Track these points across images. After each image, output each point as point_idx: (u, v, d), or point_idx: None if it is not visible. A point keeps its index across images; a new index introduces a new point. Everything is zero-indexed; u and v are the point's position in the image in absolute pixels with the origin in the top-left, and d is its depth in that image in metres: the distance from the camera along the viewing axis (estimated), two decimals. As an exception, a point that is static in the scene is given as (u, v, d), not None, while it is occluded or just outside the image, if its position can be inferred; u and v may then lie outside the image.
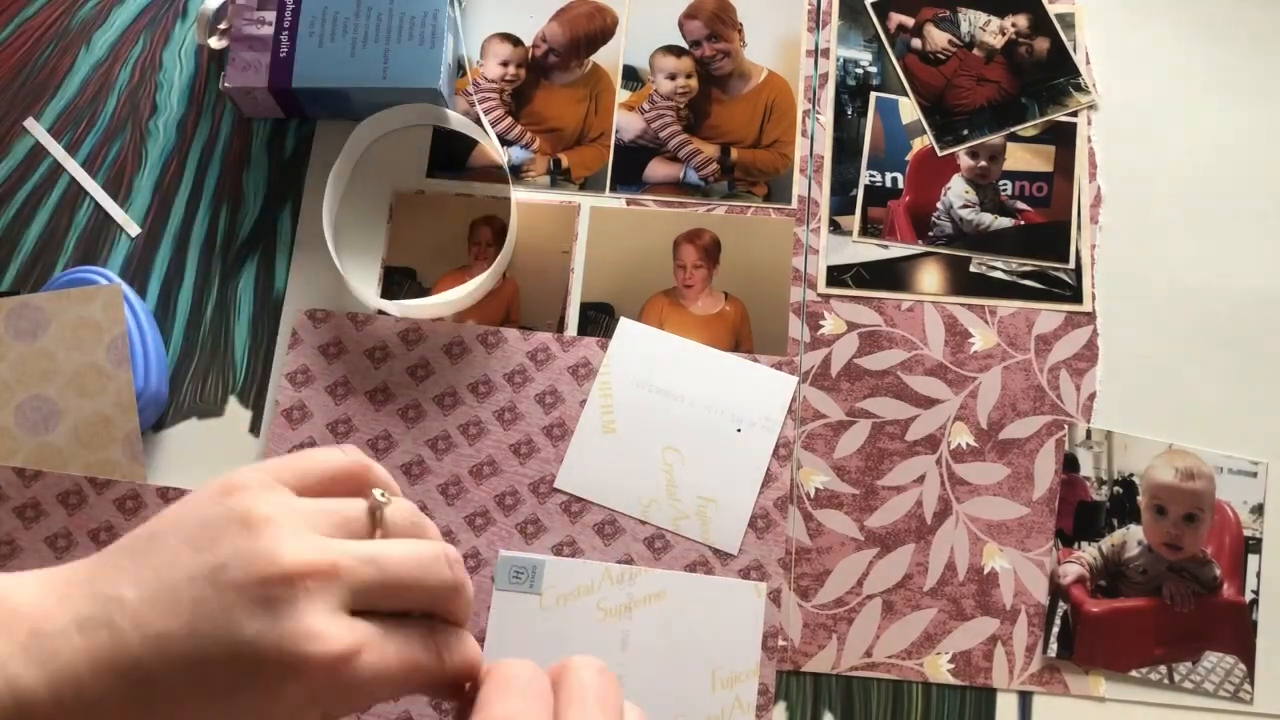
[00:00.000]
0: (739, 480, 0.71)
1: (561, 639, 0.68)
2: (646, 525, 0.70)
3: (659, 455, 0.71)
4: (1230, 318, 0.74)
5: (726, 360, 0.73)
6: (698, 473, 0.71)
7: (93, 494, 0.69)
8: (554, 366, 0.73)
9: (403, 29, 0.75)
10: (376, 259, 0.76)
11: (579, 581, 0.69)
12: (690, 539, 0.70)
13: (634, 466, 0.71)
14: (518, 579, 0.69)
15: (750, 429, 0.72)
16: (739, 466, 0.71)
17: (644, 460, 0.71)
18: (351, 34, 0.75)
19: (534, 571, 0.69)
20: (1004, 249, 0.75)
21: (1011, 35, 0.79)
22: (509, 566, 0.69)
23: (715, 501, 0.70)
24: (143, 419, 0.71)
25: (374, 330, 0.74)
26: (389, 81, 0.74)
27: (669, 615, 0.68)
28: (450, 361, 0.73)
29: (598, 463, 0.71)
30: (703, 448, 0.72)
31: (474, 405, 0.73)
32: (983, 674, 0.68)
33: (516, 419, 0.72)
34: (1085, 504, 0.70)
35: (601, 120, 0.79)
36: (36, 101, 0.80)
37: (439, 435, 0.72)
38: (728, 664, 0.68)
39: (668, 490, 0.71)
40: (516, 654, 0.64)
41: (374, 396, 0.73)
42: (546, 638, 0.68)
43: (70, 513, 0.69)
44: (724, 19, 0.80)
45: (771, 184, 0.77)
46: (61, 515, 0.69)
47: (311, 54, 0.75)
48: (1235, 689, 0.68)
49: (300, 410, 0.73)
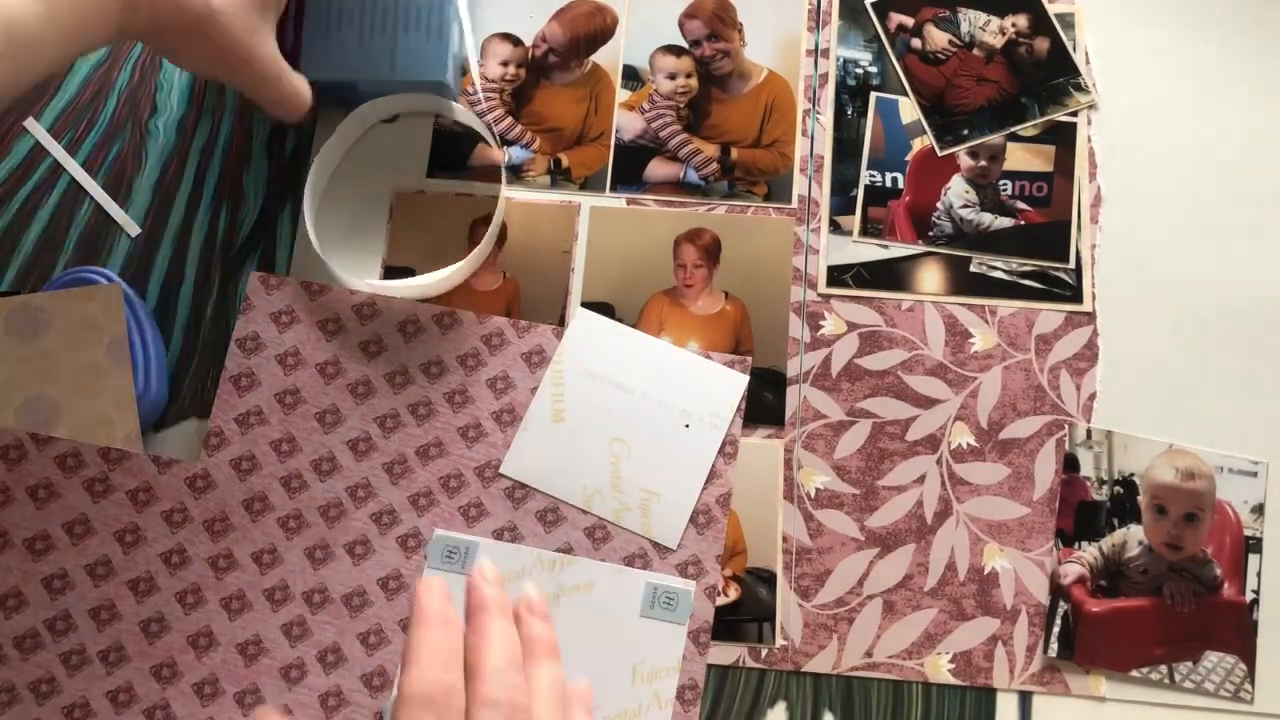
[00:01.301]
0: (683, 476, 0.71)
1: None
2: (588, 515, 0.70)
3: (606, 446, 0.71)
4: (1231, 317, 0.74)
5: (680, 356, 0.73)
6: (643, 466, 0.71)
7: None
8: (508, 352, 0.73)
9: (410, 19, 0.75)
10: (377, 259, 0.76)
11: (511, 566, 0.69)
12: (631, 531, 0.70)
13: (580, 456, 0.71)
14: (450, 559, 0.69)
15: (699, 425, 0.72)
16: (684, 462, 0.71)
17: (591, 450, 0.71)
18: (358, 24, 0.75)
19: (466, 552, 0.69)
20: (1004, 249, 0.75)
21: (1011, 35, 0.79)
22: (442, 546, 0.70)
23: (658, 495, 0.70)
24: (143, 419, 0.71)
25: (328, 302, 0.74)
26: (397, 74, 0.74)
27: (595, 606, 0.68)
28: (404, 339, 0.73)
29: (545, 450, 0.71)
30: (650, 441, 0.71)
31: (425, 386, 0.73)
32: (983, 674, 0.68)
33: (467, 402, 0.72)
34: (1086, 504, 0.70)
35: (602, 120, 0.79)
36: (36, 101, 0.79)
37: (388, 413, 0.72)
38: (649, 659, 0.68)
39: (612, 482, 0.71)
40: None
41: (324, 369, 0.73)
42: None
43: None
44: (724, 18, 0.80)
45: (772, 184, 0.77)
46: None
47: (319, 45, 0.75)
48: (1236, 689, 0.68)
49: (249, 378, 0.72)
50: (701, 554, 0.69)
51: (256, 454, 0.71)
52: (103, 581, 0.69)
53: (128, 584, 0.69)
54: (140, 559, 0.69)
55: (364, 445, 0.71)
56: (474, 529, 0.70)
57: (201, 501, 0.70)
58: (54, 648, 0.68)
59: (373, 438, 0.72)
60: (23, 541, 0.69)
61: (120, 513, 0.70)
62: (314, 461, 0.71)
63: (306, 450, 0.71)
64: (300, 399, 0.72)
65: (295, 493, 0.70)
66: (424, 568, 0.69)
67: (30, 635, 0.68)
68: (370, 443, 0.71)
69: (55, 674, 0.67)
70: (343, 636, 0.68)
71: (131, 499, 0.70)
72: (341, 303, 0.74)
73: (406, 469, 0.71)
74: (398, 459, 0.71)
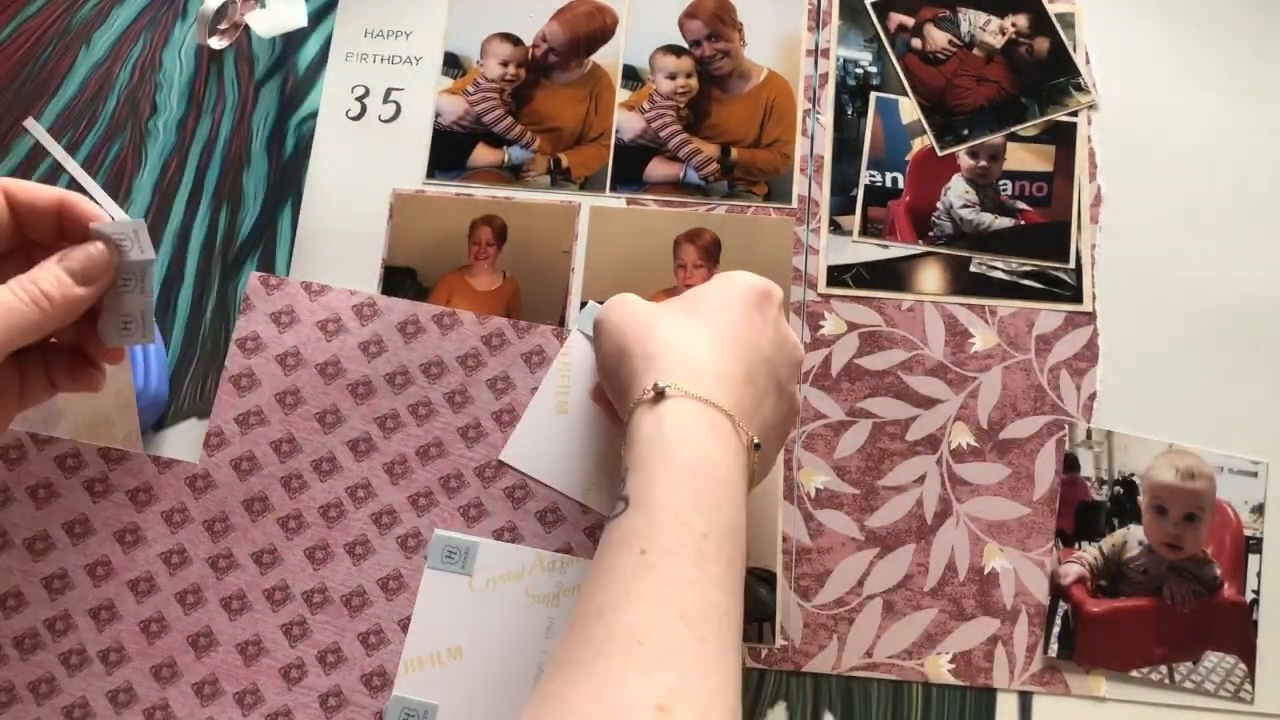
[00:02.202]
0: None
1: (487, 621, 0.68)
2: (588, 514, 0.70)
3: (607, 441, 0.71)
4: (1231, 317, 0.74)
5: None
6: None
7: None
8: (508, 352, 0.73)
9: None
10: (377, 259, 0.76)
11: (510, 566, 0.69)
12: None
13: (581, 448, 0.71)
14: (450, 559, 0.69)
15: None
16: None
17: (591, 443, 0.71)
18: None
19: (467, 553, 0.69)
20: (1004, 249, 0.75)
21: (1011, 35, 0.79)
22: (443, 546, 0.70)
23: None
24: (143, 419, 0.71)
25: (328, 301, 0.74)
26: None
27: None
28: (404, 340, 0.73)
29: (545, 440, 0.71)
30: None
31: (425, 386, 0.72)
32: (983, 674, 0.68)
33: (467, 402, 0.72)
34: (1086, 504, 0.70)
35: (602, 120, 0.79)
36: (36, 101, 0.79)
37: (388, 414, 0.72)
38: None
39: (610, 477, 0.71)
40: (443, 634, 0.68)
41: (324, 369, 0.73)
42: (473, 619, 0.68)
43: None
44: (724, 18, 0.80)
45: (771, 183, 0.77)
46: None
47: None
48: (1236, 689, 0.68)
49: (249, 378, 0.73)
50: None
51: (256, 454, 0.71)
52: (103, 581, 0.69)
53: (128, 584, 0.69)
54: (140, 559, 0.69)
55: (364, 445, 0.71)
56: (474, 529, 0.70)
57: (201, 502, 0.70)
58: (54, 647, 0.68)
59: (373, 438, 0.72)
60: (23, 541, 0.69)
61: (120, 513, 0.70)
62: (314, 462, 0.71)
63: (306, 450, 0.71)
64: (300, 399, 0.72)
65: (295, 493, 0.70)
66: (424, 568, 0.69)
67: (30, 635, 0.68)
68: (370, 443, 0.71)
69: (55, 674, 0.67)
70: (342, 637, 0.68)
71: (131, 499, 0.70)
72: (341, 303, 0.74)
73: (406, 469, 0.71)
74: (398, 459, 0.71)
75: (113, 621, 0.68)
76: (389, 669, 0.68)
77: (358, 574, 0.69)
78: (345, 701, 0.67)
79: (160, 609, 0.68)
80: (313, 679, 0.68)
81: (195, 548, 0.69)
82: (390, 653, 0.68)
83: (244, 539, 0.69)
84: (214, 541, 0.69)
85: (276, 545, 0.69)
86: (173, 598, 0.68)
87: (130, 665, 0.67)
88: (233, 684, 0.67)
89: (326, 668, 0.68)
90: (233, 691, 0.67)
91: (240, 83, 0.80)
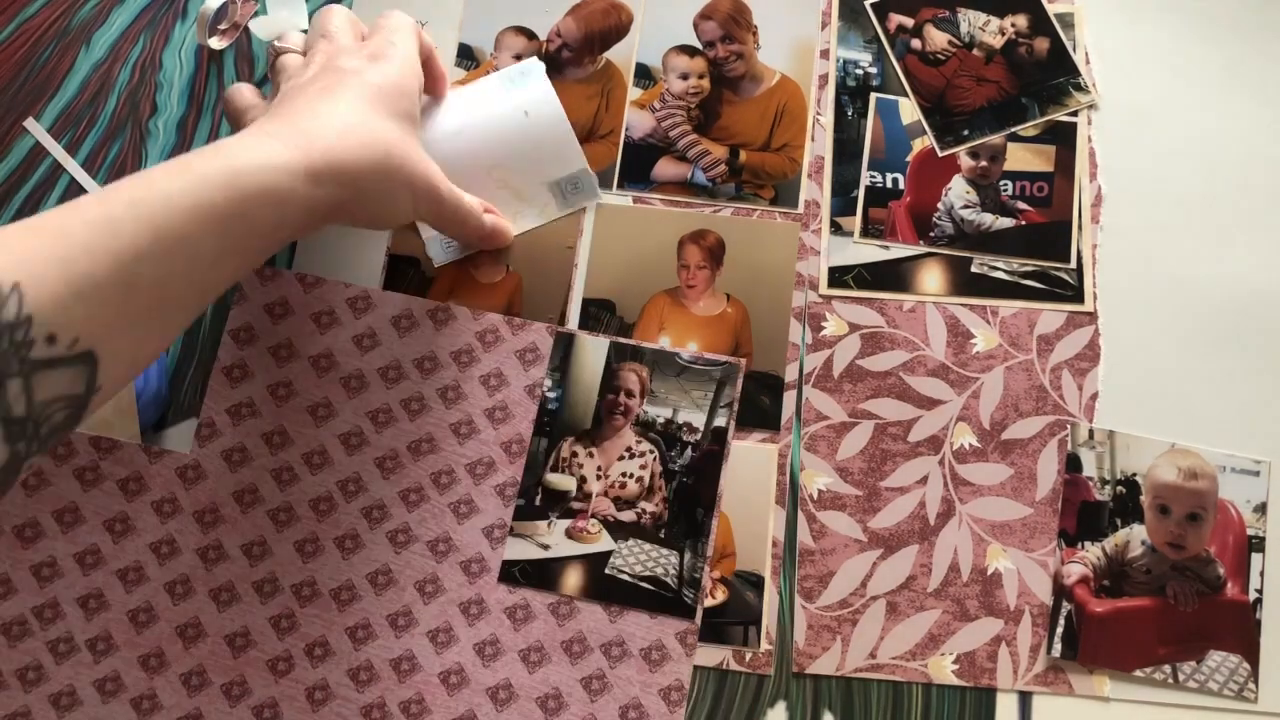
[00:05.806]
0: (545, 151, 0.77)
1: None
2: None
3: (486, 174, 0.74)
4: (1232, 317, 0.73)
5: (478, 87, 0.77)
6: (522, 165, 0.76)
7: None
8: (501, 348, 0.73)
9: None
10: (379, 251, 0.75)
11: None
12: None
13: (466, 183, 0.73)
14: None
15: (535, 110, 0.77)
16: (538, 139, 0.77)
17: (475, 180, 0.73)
18: None
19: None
20: (1005, 249, 0.75)
21: (1011, 35, 0.79)
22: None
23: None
24: (143, 419, 0.70)
25: (322, 294, 0.74)
26: None
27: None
28: (398, 334, 0.73)
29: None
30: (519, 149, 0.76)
31: (417, 381, 0.72)
32: (987, 675, 0.67)
33: (459, 398, 0.72)
34: (1088, 504, 0.70)
35: (612, 117, 0.79)
36: (36, 101, 0.80)
37: (380, 408, 0.72)
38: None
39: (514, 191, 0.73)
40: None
41: (317, 362, 0.72)
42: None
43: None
44: (739, 21, 0.80)
45: (779, 188, 0.77)
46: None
47: None
48: (1239, 688, 0.67)
49: (241, 369, 0.72)
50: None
51: (248, 446, 0.70)
52: (92, 570, 0.68)
53: (117, 573, 0.68)
54: (130, 549, 0.68)
55: (355, 439, 0.71)
56: (464, 526, 0.69)
57: (192, 492, 0.69)
58: (42, 635, 0.67)
59: (364, 432, 0.71)
60: (12, 529, 0.68)
61: (110, 502, 0.69)
62: (305, 454, 0.70)
63: (298, 443, 0.70)
64: (292, 391, 0.72)
65: (286, 485, 0.70)
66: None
67: (18, 622, 0.67)
68: (362, 437, 0.71)
69: (43, 662, 0.66)
70: (330, 630, 0.67)
71: (122, 488, 0.69)
72: (335, 295, 0.73)
73: (398, 464, 0.70)
74: (389, 454, 0.71)
75: (101, 610, 0.67)
76: (376, 663, 0.66)
77: (346, 568, 0.68)
78: (331, 695, 0.66)
79: (149, 599, 0.67)
80: (300, 672, 0.66)
81: (185, 538, 0.68)
82: (378, 648, 0.67)
83: (234, 530, 0.69)
84: (204, 532, 0.69)
85: (266, 537, 0.69)
86: (162, 588, 0.68)
87: (118, 654, 0.66)
88: (220, 675, 0.66)
89: (314, 661, 0.67)
90: (220, 683, 0.66)
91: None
